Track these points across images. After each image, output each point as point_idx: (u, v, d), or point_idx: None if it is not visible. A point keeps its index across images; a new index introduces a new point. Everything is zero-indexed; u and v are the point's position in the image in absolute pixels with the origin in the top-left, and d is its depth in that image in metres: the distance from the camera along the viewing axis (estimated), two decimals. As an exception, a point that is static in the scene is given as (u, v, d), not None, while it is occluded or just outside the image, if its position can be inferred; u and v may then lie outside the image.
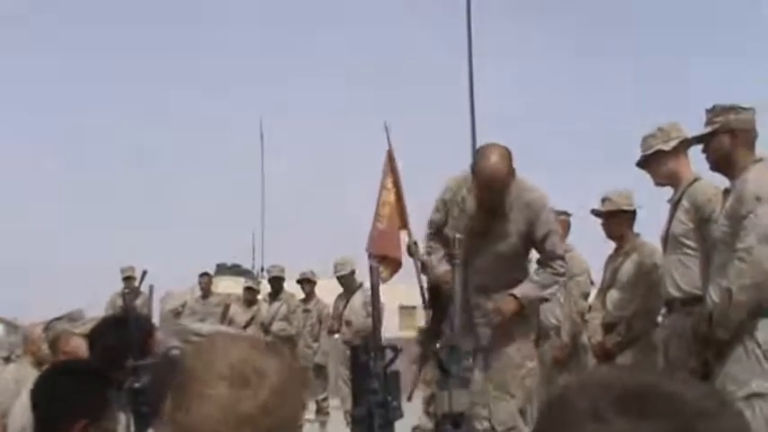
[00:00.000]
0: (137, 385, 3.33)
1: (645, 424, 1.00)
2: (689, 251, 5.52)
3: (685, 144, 5.69)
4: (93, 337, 4.26)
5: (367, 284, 11.23)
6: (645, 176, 5.90)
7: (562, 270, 5.93)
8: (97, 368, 3.44)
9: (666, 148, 5.71)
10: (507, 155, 5.57)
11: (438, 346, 2.42)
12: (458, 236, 4.83)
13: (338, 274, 11.39)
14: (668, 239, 5.69)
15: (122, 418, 3.37)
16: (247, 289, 13.03)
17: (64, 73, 55.50)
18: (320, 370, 12.34)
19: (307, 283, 12.46)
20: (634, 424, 1.01)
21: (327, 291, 12.21)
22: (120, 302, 12.72)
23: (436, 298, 6.11)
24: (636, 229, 6.83)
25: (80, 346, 4.45)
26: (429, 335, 6.08)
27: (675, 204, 5.66)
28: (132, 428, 3.33)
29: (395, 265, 9.40)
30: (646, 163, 5.84)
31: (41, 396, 3.38)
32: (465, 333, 2.73)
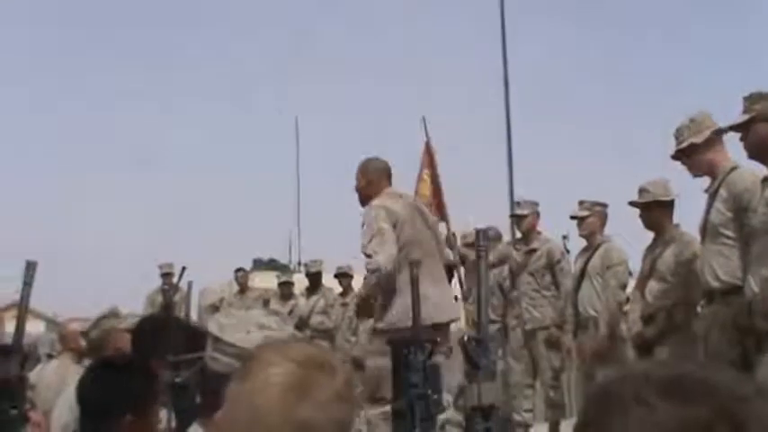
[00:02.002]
0: (177, 380, 3.36)
1: (686, 407, 1.05)
2: (728, 241, 5.48)
3: (720, 133, 5.65)
4: (137, 333, 4.30)
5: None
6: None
7: (368, 266, 6.16)
8: (143, 363, 3.47)
9: (699, 140, 5.67)
10: (366, 164, 6.61)
11: (465, 338, 2.42)
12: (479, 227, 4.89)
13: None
14: (706, 229, 5.65)
15: (163, 413, 3.40)
16: (282, 284, 13.08)
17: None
18: (358, 363, 12.33)
19: (344, 277, 12.49)
20: (676, 407, 1.05)
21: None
22: (158, 299, 12.81)
23: None
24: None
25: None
26: None
27: (713, 194, 5.62)
28: (173, 424, 3.36)
29: None
30: (681, 155, 5.80)
31: (88, 390, 3.41)
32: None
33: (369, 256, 6.11)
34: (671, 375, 1.09)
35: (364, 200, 6.51)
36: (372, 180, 6.50)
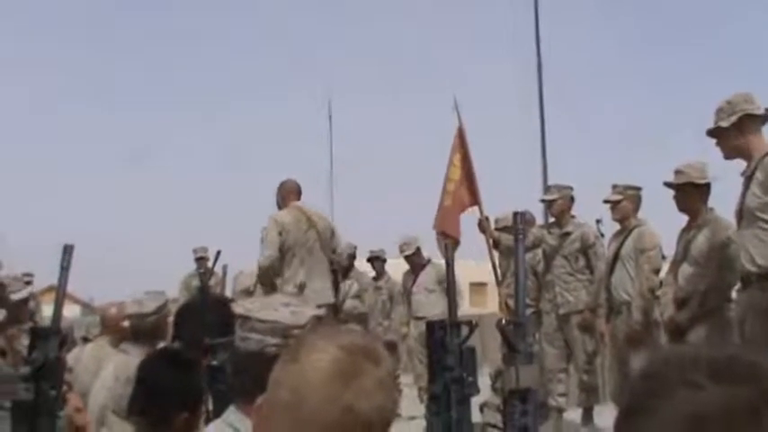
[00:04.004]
0: (214, 363, 3.38)
1: (732, 388, 1.05)
2: (764, 225, 5.43)
3: (753, 118, 5.58)
4: (180, 317, 4.34)
5: (435, 260, 11.24)
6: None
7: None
8: (195, 359, 3.51)
9: (725, 124, 5.60)
10: (281, 185, 8.57)
11: (503, 322, 2.42)
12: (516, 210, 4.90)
13: (405, 254, 11.39)
14: (743, 213, 5.59)
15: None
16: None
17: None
18: (392, 347, 12.34)
19: (377, 260, 12.45)
20: (722, 388, 1.05)
21: (397, 269, 12.22)
22: (193, 283, 12.80)
23: None
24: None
25: None
26: None
27: (749, 177, 5.56)
28: (210, 406, 3.39)
29: (453, 244, 9.39)
30: (714, 137, 5.75)
31: (149, 383, 3.48)
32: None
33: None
34: (716, 357, 1.09)
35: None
36: (284, 197, 8.52)
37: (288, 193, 8.53)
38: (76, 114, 64.38)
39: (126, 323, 5.32)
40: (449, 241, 8.77)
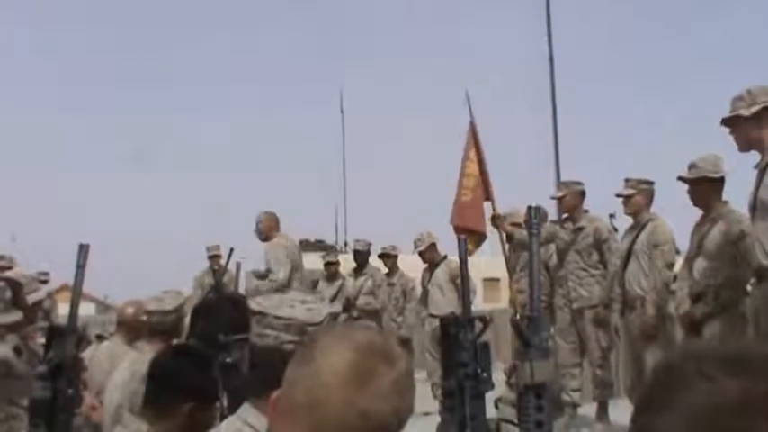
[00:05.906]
0: (228, 360, 3.39)
1: (748, 381, 1.06)
2: (778, 218, 5.41)
3: None
4: (196, 315, 4.36)
5: (450, 257, 11.23)
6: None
7: (272, 277, 10.04)
8: (208, 355, 3.53)
9: (746, 113, 5.58)
10: (267, 215, 10.53)
11: (518, 317, 2.42)
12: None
13: (418, 249, 11.39)
14: (756, 206, 5.57)
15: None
16: (328, 264, 13.00)
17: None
18: (405, 343, 12.31)
19: (387, 257, 12.42)
20: (739, 381, 1.06)
21: (410, 265, 12.22)
22: (206, 280, 12.84)
23: None
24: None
25: None
26: None
27: (763, 170, 5.54)
28: (225, 403, 3.40)
29: (479, 238, 9.40)
30: (729, 126, 5.73)
31: (158, 374, 3.51)
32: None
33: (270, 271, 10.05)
34: (732, 351, 1.11)
35: (266, 238, 10.38)
36: (268, 227, 10.44)
37: (271, 223, 10.54)
38: (84, 114, 64.78)
39: (144, 318, 5.34)
40: (469, 238, 8.80)
